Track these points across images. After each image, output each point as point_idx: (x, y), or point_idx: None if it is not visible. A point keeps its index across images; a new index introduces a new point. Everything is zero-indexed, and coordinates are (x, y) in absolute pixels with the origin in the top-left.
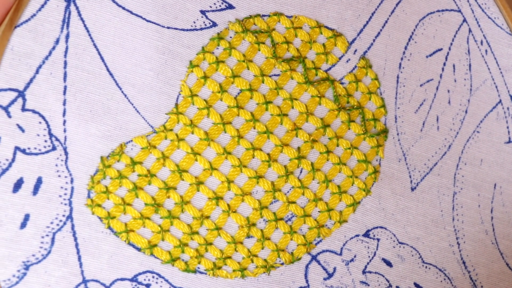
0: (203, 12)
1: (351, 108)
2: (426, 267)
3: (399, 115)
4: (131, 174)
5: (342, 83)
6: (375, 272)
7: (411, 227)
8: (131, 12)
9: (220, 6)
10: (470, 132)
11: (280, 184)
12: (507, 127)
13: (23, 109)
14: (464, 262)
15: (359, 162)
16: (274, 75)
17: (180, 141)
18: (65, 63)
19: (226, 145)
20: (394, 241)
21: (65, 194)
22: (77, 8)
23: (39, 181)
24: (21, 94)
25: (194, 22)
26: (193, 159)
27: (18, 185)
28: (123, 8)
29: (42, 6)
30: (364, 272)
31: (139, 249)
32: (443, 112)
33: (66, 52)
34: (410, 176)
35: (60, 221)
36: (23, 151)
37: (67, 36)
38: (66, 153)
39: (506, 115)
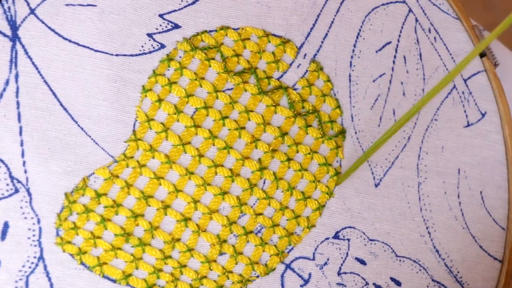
0: (150, 35)
1: (306, 113)
2: (400, 260)
3: (355, 113)
4: (98, 207)
5: (295, 89)
6: (350, 272)
7: (379, 223)
8: (78, 44)
9: (166, 27)
10: (428, 121)
11: (246, 197)
12: (465, 111)
13: None
14: (437, 251)
15: (320, 165)
16: (228, 89)
17: (142, 167)
18: (18, 103)
19: (188, 165)
20: (364, 239)
21: (34, 235)
22: (23, 46)
23: (5, 225)
24: None
25: (142, 46)
26: (157, 184)
27: None
28: (70, 41)
29: None
30: (339, 273)
31: (114, 281)
32: (398, 105)
33: (17, 92)
34: (372, 173)
35: (32, 263)
36: None
37: (17, 76)
38: (29, 194)
39: (462, 99)
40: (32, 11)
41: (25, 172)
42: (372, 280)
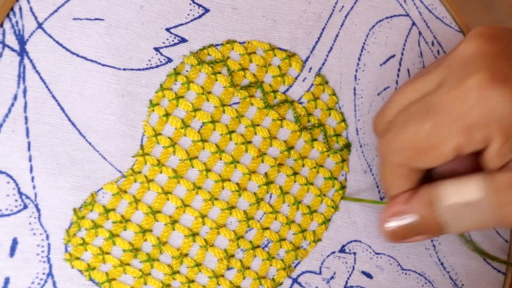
0: (156, 49)
1: (312, 127)
2: (406, 273)
3: (360, 127)
4: (106, 222)
5: (301, 103)
6: (357, 286)
7: None
8: (85, 58)
9: (173, 41)
10: None
11: (253, 212)
12: None
13: None
14: (442, 263)
15: (325, 179)
16: (234, 103)
17: (150, 182)
18: (26, 118)
19: (195, 180)
20: (370, 252)
21: (43, 251)
22: (31, 61)
23: (14, 242)
24: None
25: (149, 60)
26: (164, 199)
27: None
28: (77, 55)
29: None
30: (345, 287)
31: None
32: None
33: (25, 107)
34: (377, 186)
35: (41, 279)
36: None
37: (25, 91)
38: (38, 210)
39: None
40: (39, 26)
41: (34, 187)
42: None
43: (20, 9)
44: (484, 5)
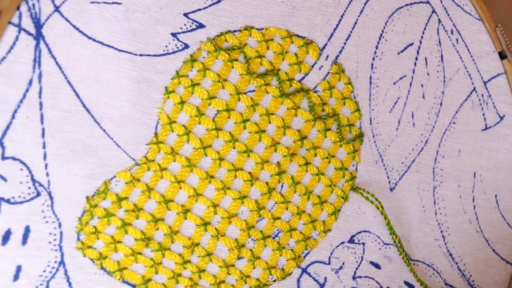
0: (174, 34)
1: (326, 116)
2: (414, 264)
3: (373, 116)
4: (118, 211)
5: (316, 91)
6: (365, 276)
7: (394, 227)
8: (102, 43)
9: (190, 26)
10: (446, 124)
11: (264, 201)
12: (483, 114)
13: (3, 157)
14: (451, 254)
15: (336, 170)
16: (250, 91)
17: (163, 171)
18: (41, 104)
19: (208, 169)
20: (379, 243)
21: (55, 240)
22: (47, 45)
23: (27, 230)
24: None
25: (166, 46)
26: (177, 188)
27: (6, 237)
28: (94, 40)
29: (11, 47)
30: (354, 277)
31: (134, 286)
32: (418, 108)
33: (40, 92)
34: (388, 177)
35: (53, 268)
36: (8, 201)
37: (40, 76)
38: (51, 198)
39: (481, 102)
40: (56, 9)
41: (47, 175)
42: (386, 284)
43: None
44: (484, 2)
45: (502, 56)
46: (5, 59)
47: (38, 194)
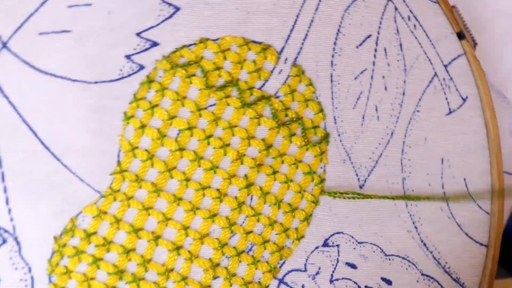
0: (128, 56)
1: (290, 121)
2: (389, 259)
3: (337, 115)
4: (88, 247)
5: (277, 97)
6: (342, 278)
7: (367, 225)
8: (55, 76)
9: (144, 45)
10: (410, 113)
11: (235, 217)
12: (446, 98)
13: None
14: (425, 244)
15: (304, 174)
16: (210, 105)
17: (130, 199)
18: None
19: (175, 191)
20: (353, 242)
21: (26, 285)
22: None
23: None
24: None
25: (121, 70)
26: (146, 215)
27: None
28: (46, 73)
29: None
30: (331, 281)
31: None
32: (381, 100)
33: None
34: (357, 174)
35: None
36: None
37: None
38: (18, 243)
39: (443, 87)
40: (4, 45)
41: (11, 220)
42: (363, 283)
43: None
44: None
45: (460, 36)
46: None
47: (4, 241)
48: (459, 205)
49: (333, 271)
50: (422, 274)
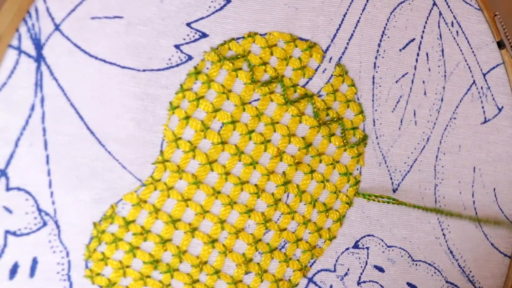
0: (177, 46)
1: (331, 121)
2: (416, 264)
3: (377, 117)
4: (126, 235)
5: (320, 96)
6: (369, 281)
7: (397, 229)
8: (104, 61)
9: (194, 36)
10: (447, 120)
11: (270, 213)
12: (482, 107)
13: (7, 188)
14: (451, 252)
15: (340, 175)
16: (254, 100)
17: (170, 190)
18: (44, 130)
19: (214, 184)
20: (382, 246)
21: (63, 269)
22: (48, 67)
23: (34, 261)
24: (3, 172)
25: (170, 59)
26: (184, 206)
27: (14, 270)
28: (96, 58)
29: (12, 72)
30: (359, 283)
31: None
32: (419, 105)
33: (43, 118)
34: (391, 178)
35: None
36: (14, 233)
37: (42, 100)
38: (57, 227)
39: (480, 95)
40: (57, 27)
41: (53, 203)
42: (389, 287)
43: (36, 10)
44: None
45: (500, 45)
46: (6, 85)
47: (45, 224)
48: (487, 214)
49: (361, 273)
50: (447, 282)
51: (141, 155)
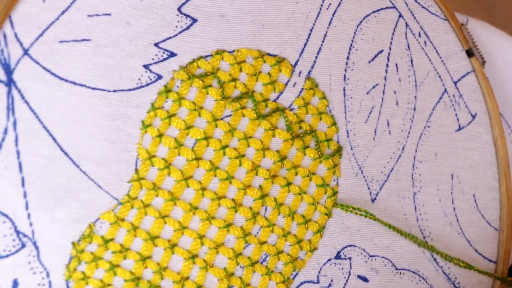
0: (146, 66)
1: (304, 134)
2: (400, 273)
3: (350, 129)
4: (106, 253)
5: (292, 109)
6: None
7: (378, 238)
8: (74, 83)
9: (162, 56)
10: (421, 129)
11: (249, 227)
12: (456, 115)
13: None
14: (435, 259)
15: (317, 187)
16: (226, 116)
17: (147, 207)
18: (18, 152)
19: (191, 200)
20: (365, 256)
21: None
22: (19, 91)
23: (15, 283)
24: None
25: (139, 79)
26: (162, 223)
27: None
28: (66, 81)
29: None
30: None
31: None
32: (392, 115)
33: (16, 140)
34: (369, 188)
35: None
36: None
37: (15, 123)
38: (36, 248)
39: (453, 103)
40: (26, 52)
41: (31, 225)
42: None
43: (5, 36)
44: (485, 7)
45: (469, 54)
46: None
47: (23, 246)
48: (469, 221)
49: (345, 284)
50: None
51: (116, 174)
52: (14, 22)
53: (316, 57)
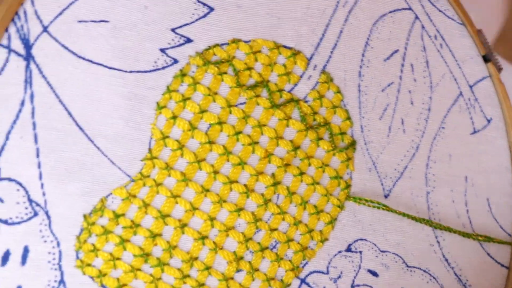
0: (162, 50)
1: (318, 126)
2: (410, 270)
3: (364, 124)
4: (116, 228)
5: (306, 101)
6: (363, 285)
7: (390, 234)
8: (91, 61)
9: (178, 41)
10: (436, 129)
11: (261, 213)
12: (471, 118)
13: None
14: (446, 259)
15: (331, 179)
16: (241, 103)
17: (159, 186)
18: (34, 124)
19: (203, 182)
20: (376, 250)
21: (54, 259)
22: (37, 66)
23: (26, 250)
24: None
25: (155, 62)
26: (174, 202)
27: (5, 257)
28: (83, 59)
29: (2, 69)
30: (352, 286)
31: None
32: (407, 114)
33: (33, 113)
34: (382, 184)
35: (53, 287)
36: (5, 222)
37: (32, 96)
38: (48, 217)
39: (468, 106)
40: (45, 29)
41: (43, 194)
42: None
43: (25, 12)
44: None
45: (486, 59)
46: None
47: (36, 214)
48: (482, 224)
49: (354, 277)
50: None
51: (130, 152)
52: (34, 0)
53: (331, 52)
